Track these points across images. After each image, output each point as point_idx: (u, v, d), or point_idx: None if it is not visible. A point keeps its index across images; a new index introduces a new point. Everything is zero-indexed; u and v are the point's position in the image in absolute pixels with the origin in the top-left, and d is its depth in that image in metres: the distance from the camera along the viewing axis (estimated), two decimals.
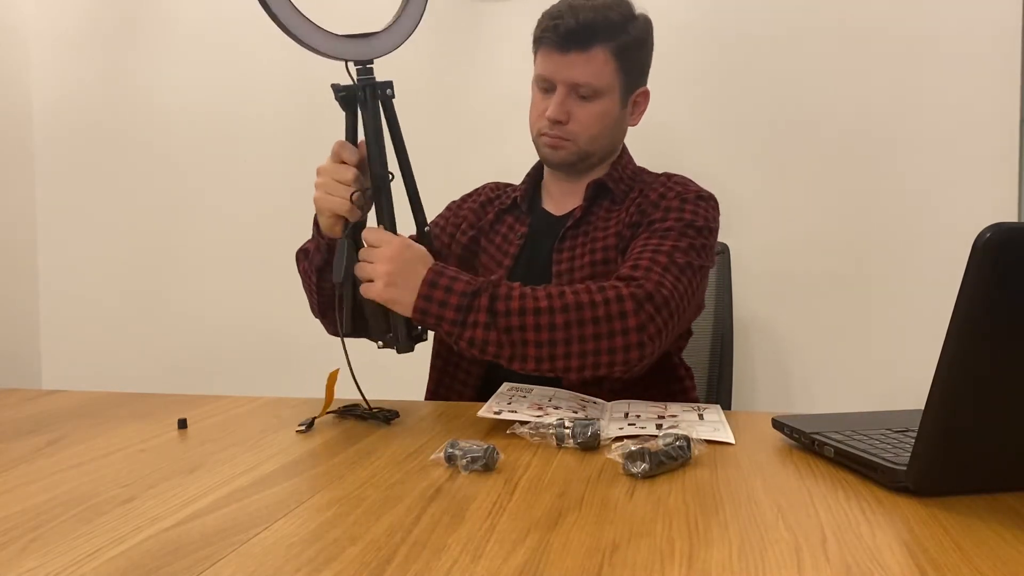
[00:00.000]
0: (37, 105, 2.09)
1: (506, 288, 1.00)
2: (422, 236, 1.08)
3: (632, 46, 1.22)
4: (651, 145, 1.58)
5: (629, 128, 1.30)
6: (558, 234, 1.25)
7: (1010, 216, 1.61)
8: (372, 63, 1.01)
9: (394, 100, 1.03)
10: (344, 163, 1.03)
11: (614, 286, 1.02)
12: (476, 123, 1.87)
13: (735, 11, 1.72)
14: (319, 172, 1.05)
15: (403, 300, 0.98)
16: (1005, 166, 1.62)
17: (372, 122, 1.01)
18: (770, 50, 1.71)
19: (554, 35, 1.18)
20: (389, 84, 1.03)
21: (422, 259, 1.01)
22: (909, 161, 1.66)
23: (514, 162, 1.48)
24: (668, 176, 1.27)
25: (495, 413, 0.95)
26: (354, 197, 1.01)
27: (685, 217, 1.15)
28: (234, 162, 1.98)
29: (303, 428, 0.94)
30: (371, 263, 0.99)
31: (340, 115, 1.04)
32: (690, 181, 1.26)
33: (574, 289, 1.01)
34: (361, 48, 1.01)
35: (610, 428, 0.91)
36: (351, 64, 1.01)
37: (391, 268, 0.98)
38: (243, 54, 1.94)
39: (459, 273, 1.01)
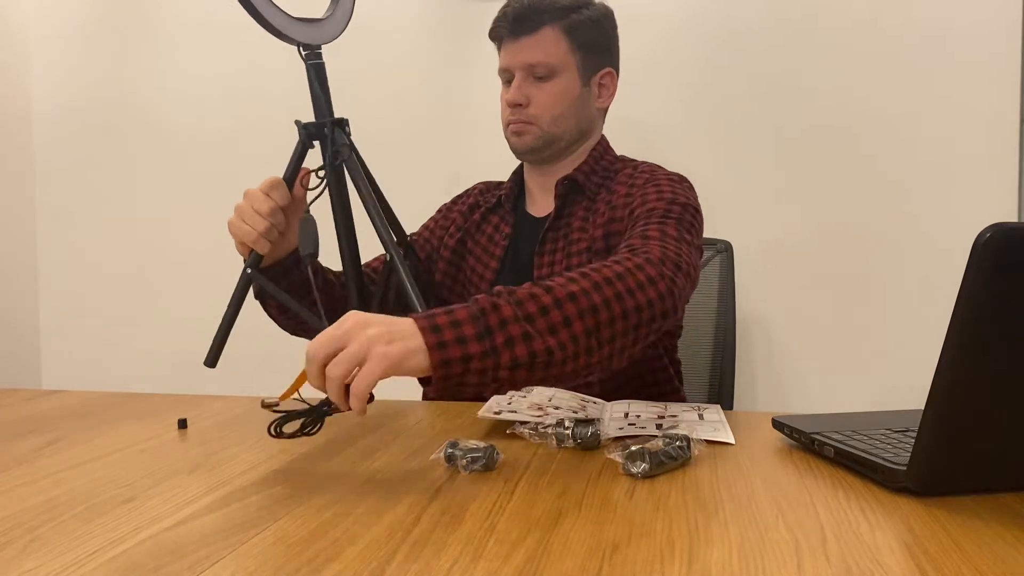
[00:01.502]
0: (37, 105, 2.09)
1: (524, 289, 0.83)
2: (406, 248, 1.08)
3: (585, 24, 1.23)
4: (650, 145, 1.59)
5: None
6: (538, 237, 1.24)
7: (1010, 216, 1.61)
8: (320, 48, 1.05)
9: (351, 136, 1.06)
10: (268, 196, 1.05)
11: (627, 257, 0.92)
12: (475, 123, 1.87)
13: (734, 11, 1.72)
14: (244, 195, 1.07)
15: (417, 356, 0.74)
16: (1005, 166, 1.62)
17: (340, 193, 1.04)
18: (770, 50, 1.71)
19: (504, 23, 1.22)
20: (345, 121, 1.06)
21: (388, 316, 0.77)
22: (909, 161, 1.66)
23: (513, 162, 1.48)
24: (634, 166, 1.26)
25: (495, 413, 0.95)
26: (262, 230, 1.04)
27: (665, 195, 1.12)
28: (234, 162, 1.98)
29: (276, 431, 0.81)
30: (351, 344, 0.72)
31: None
32: (658, 167, 1.24)
33: (592, 267, 0.89)
34: (312, 32, 1.04)
35: (610, 428, 0.91)
36: (301, 48, 1.04)
37: (374, 331, 0.73)
38: (243, 54, 1.93)
39: (444, 308, 0.79)
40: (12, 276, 2.05)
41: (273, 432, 0.79)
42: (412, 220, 1.60)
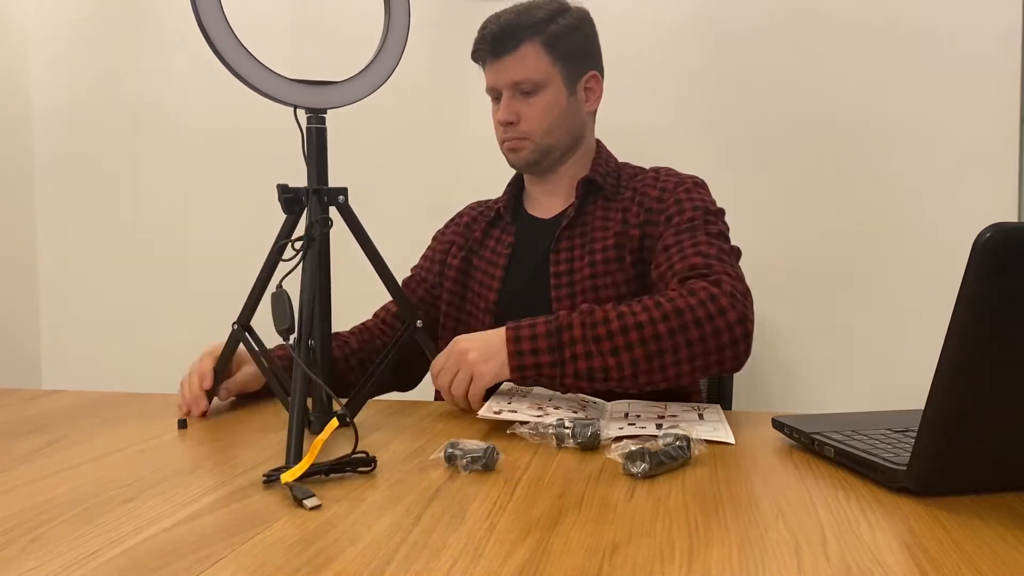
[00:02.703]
0: (37, 105, 2.09)
1: (601, 312, 1.00)
2: (416, 331, 1.05)
3: (562, 34, 1.24)
4: (648, 150, 1.59)
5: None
6: (551, 236, 1.26)
7: (1010, 216, 1.61)
8: (325, 112, 0.97)
9: (348, 203, 0.98)
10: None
11: (702, 286, 1.03)
12: (475, 124, 1.87)
13: (732, 10, 1.72)
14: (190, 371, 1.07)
15: (502, 370, 1.00)
16: (1005, 166, 1.61)
17: (312, 270, 0.92)
18: (768, 50, 1.71)
19: (484, 45, 1.24)
20: (343, 191, 0.98)
21: (486, 333, 1.04)
22: (909, 161, 1.66)
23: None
24: (655, 170, 1.29)
25: (495, 413, 0.95)
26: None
27: (698, 204, 1.19)
28: (235, 162, 1.98)
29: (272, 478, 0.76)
30: (460, 370, 1.01)
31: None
32: (675, 171, 1.28)
33: (666, 297, 1.02)
34: (313, 96, 0.96)
35: (610, 428, 0.91)
36: (300, 111, 0.96)
37: (474, 354, 1.00)
38: None
39: (532, 319, 1.02)
40: (12, 276, 2.05)
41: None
42: (412, 221, 1.60)
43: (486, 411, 0.96)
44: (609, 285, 1.19)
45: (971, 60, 1.61)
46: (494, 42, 1.22)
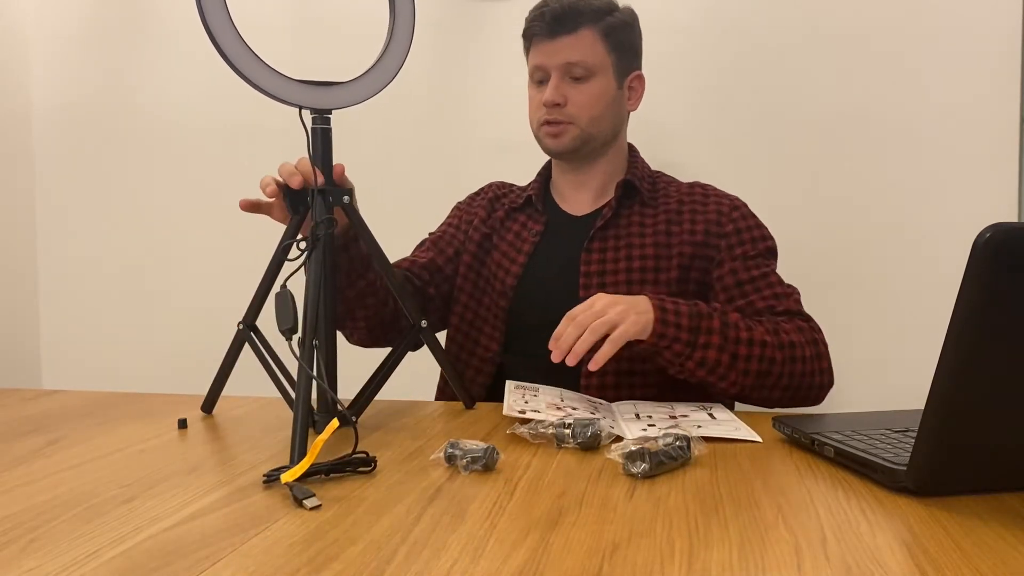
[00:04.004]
0: (37, 105, 2.09)
1: (734, 316, 1.07)
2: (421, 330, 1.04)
3: (619, 27, 1.25)
4: (651, 147, 1.58)
5: (630, 127, 1.31)
6: (583, 234, 1.25)
7: (1010, 216, 1.61)
8: (330, 113, 0.97)
9: (353, 203, 0.99)
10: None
11: (808, 328, 1.13)
12: (476, 124, 1.87)
13: (731, 12, 1.72)
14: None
15: (645, 330, 1.02)
16: (1005, 166, 1.61)
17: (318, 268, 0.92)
18: (767, 51, 1.71)
19: (542, 23, 1.22)
20: (348, 191, 0.98)
21: (629, 296, 1.05)
22: (909, 161, 1.66)
23: (514, 163, 1.48)
24: (701, 186, 1.30)
25: (520, 412, 0.95)
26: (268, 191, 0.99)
27: (758, 240, 1.24)
28: (235, 163, 1.98)
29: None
30: (609, 313, 1.00)
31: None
32: (720, 190, 1.30)
33: (783, 328, 1.10)
34: (318, 96, 0.96)
35: (632, 430, 0.91)
36: (305, 112, 0.96)
37: (623, 307, 1.01)
38: None
39: (662, 296, 1.06)
40: (12, 276, 2.05)
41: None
42: (413, 221, 1.59)
43: (509, 410, 0.96)
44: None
45: (971, 60, 1.61)
46: (554, 20, 1.21)
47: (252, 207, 1.04)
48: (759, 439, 0.89)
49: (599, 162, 1.28)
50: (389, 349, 1.07)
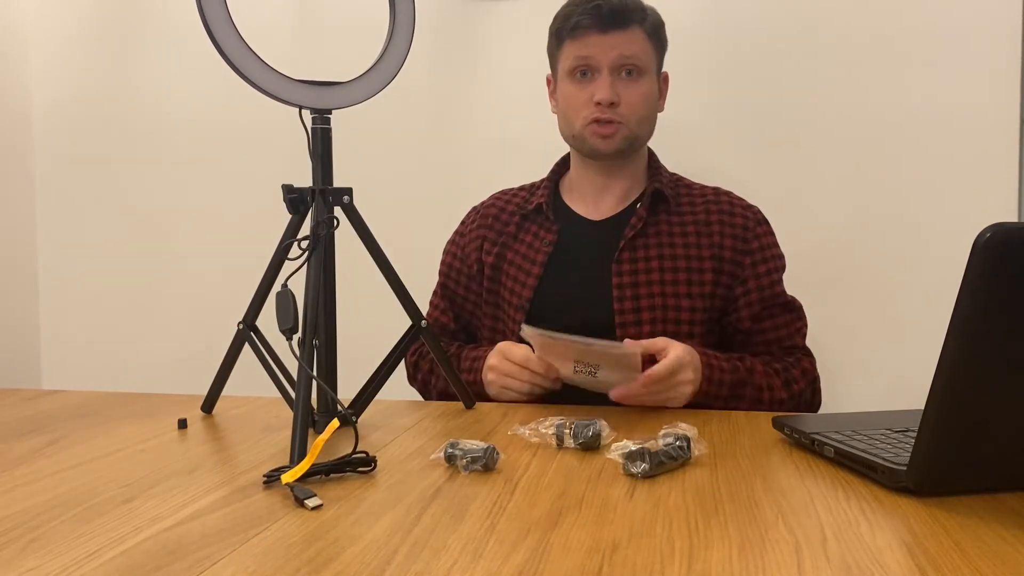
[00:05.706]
0: (37, 104, 2.09)
1: (766, 378, 1.16)
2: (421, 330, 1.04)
3: (659, 27, 1.25)
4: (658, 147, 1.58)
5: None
6: (605, 242, 1.22)
7: (1010, 216, 1.61)
8: (330, 113, 0.97)
9: (353, 203, 0.98)
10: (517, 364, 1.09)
11: (812, 367, 1.23)
12: (476, 124, 1.87)
13: (731, 12, 1.72)
14: (491, 368, 1.13)
15: (692, 392, 1.07)
16: (1005, 166, 1.61)
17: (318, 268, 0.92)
18: (768, 51, 1.71)
19: (594, 17, 1.19)
20: (348, 191, 0.97)
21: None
22: (909, 161, 1.66)
23: (514, 163, 1.47)
24: (727, 194, 1.30)
25: (539, 333, 1.01)
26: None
27: (777, 258, 1.28)
28: (235, 162, 1.98)
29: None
30: (672, 391, 1.04)
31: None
32: (747, 203, 1.31)
33: (794, 377, 1.18)
34: (318, 96, 0.95)
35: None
36: (305, 111, 0.95)
37: (691, 387, 1.05)
38: None
39: (711, 353, 1.12)
40: (12, 276, 2.05)
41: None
42: (414, 221, 1.60)
43: (529, 331, 1.02)
44: (683, 308, 1.21)
45: (971, 60, 1.61)
46: (609, 15, 1.18)
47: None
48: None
49: (628, 165, 1.26)
50: (389, 349, 1.07)
